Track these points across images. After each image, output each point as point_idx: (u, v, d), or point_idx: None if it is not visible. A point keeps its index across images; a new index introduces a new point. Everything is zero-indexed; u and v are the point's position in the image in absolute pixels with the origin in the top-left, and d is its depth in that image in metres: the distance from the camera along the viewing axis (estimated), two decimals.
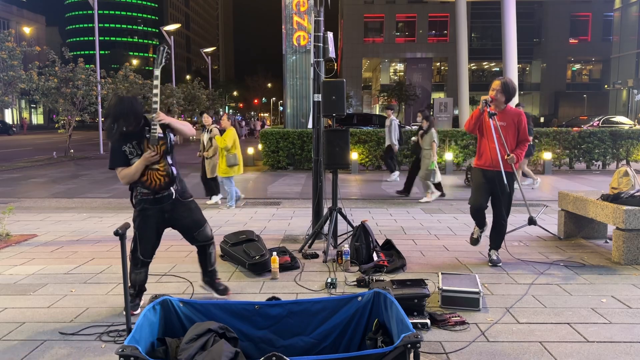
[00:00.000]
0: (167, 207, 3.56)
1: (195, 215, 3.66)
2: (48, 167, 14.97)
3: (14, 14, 54.55)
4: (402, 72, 48.55)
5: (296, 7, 15.77)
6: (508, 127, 4.67)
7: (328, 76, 6.03)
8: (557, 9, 46.76)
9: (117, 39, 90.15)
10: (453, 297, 3.72)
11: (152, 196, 3.51)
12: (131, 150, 3.47)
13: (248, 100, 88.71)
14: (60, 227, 6.71)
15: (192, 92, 32.53)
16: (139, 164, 3.41)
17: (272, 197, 9.27)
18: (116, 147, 3.47)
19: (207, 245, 3.74)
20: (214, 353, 2.13)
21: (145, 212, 3.55)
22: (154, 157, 3.40)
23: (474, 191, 4.82)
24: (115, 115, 3.35)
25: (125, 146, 3.46)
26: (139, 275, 3.66)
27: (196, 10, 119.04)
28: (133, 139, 3.46)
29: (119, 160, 3.48)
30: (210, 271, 3.85)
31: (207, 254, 3.76)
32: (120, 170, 3.47)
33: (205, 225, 3.71)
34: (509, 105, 4.78)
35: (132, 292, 3.68)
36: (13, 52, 15.38)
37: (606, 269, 4.72)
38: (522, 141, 4.73)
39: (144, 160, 3.40)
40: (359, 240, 4.88)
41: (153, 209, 3.54)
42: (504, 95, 4.66)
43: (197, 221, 3.67)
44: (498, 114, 4.66)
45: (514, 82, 4.77)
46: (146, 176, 3.44)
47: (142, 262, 3.63)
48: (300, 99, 16.28)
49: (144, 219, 3.57)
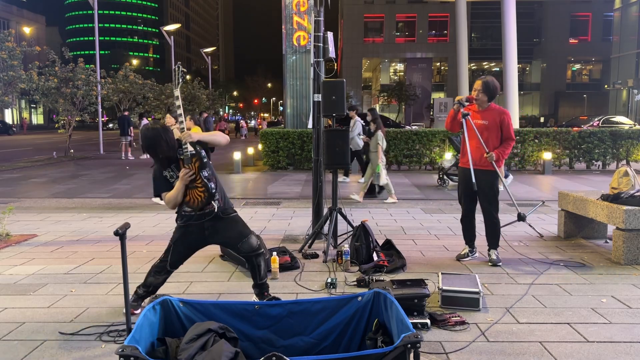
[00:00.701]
0: (207, 224, 3.55)
1: (236, 228, 3.61)
2: (48, 167, 14.98)
3: (14, 14, 54.57)
4: (402, 72, 48.56)
5: (296, 7, 15.76)
6: (491, 125, 4.71)
7: (328, 76, 6.03)
8: (557, 9, 46.77)
9: (117, 39, 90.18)
10: (453, 297, 3.72)
11: (195, 213, 3.53)
12: (171, 174, 3.51)
13: (248, 100, 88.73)
14: (60, 227, 6.71)
15: (192, 92, 32.56)
16: (179, 185, 3.43)
17: (272, 197, 9.28)
18: (157, 174, 3.53)
19: (254, 256, 3.62)
20: (214, 353, 2.13)
21: (187, 228, 3.58)
22: (190, 175, 3.41)
23: (459, 194, 4.94)
24: (148, 147, 3.42)
25: (165, 171, 3.51)
26: (158, 280, 3.64)
27: (196, 10, 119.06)
28: (171, 162, 3.51)
29: (161, 186, 3.53)
30: (260, 284, 3.72)
31: (255, 265, 3.65)
32: (164, 196, 3.52)
33: (249, 237, 3.61)
34: (492, 103, 4.82)
35: (141, 292, 3.65)
36: (13, 52, 15.37)
37: (606, 269, 4.72)
38: (507, 139, 4.75)
39: (181, 180, 3.42)
40: (359, 240, 4.89)
41: (195, 225, 3.55)
42: (485, 95, 4.72)
43: (239, 234, 3.60)
44: (481, 112, 4.74)
45: (496, 81, 4.81)
46: (188, 196, 3.47)
47: (166, 271, 3.64)
48: (300, 99, 16.27)
49: (183, 234, 3.59)
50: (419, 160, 13.75)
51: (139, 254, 5.32)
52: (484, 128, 4.69)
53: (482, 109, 4.77)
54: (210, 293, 4.12)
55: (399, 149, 13.67)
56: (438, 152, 13.55)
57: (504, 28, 16.95)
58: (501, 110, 4.77)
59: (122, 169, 14.53)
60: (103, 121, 33.16)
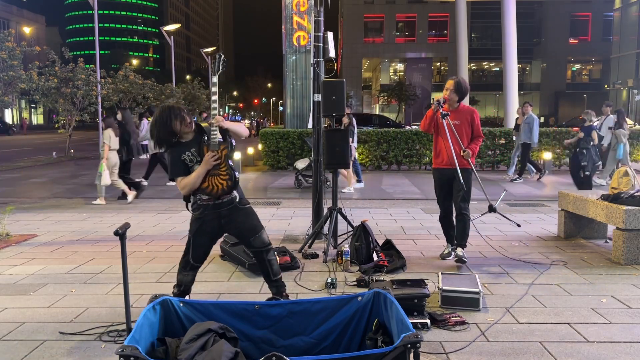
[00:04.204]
0: (224, 212, 3.46)
1: (252, 221, 3.56)
2: (48, 167, 14.97)
3: (14, 14, 54.57)
4: (402, 72, 48.56)
5: (296, 7, 15.75)
6: (462, 125, 4.83)
7: (328, 76, 6.03)
8: (557, 9, 46.75)
9: (117, 39, 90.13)
10: (453, 297, 3.72)
11: (212, 202, 3.43)
12: (191, 158, 3.38)
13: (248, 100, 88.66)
14: (60, 227, 6.71)
15: (192, 92, 32.52)
16: (201, 170, 3.33)
17: (272, 197, 9.28)
18: (175, 157, 3.38)
19: (265, 252, 3.58)
20: (214, 353, 2.13)
21: (203, 218, 3.47)
22: (216, 160, 3.33)
23: (437, 195, 5.02)
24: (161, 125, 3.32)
25: (184, 155, 3.38)
26: (187, 277, 3.56)
27: (196, 10, 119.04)
28: (191, 146, 3.39)
29: (178, 170, 3.38)
30: (275, 281, 3.66)
31: (266, 260, 3.60)
32: (180, 180, 3.37)
33: (262, 232, 3.59)
34: (462, 103, 4.93)
35: (176, 292, 3.56)
36: (13, 52, 15.36)
37: (606, 269, 4.72)
38: (476, 137, 4.90)
39: (205, 164, 3.32)
40: (359, 240, 4.89)
41: (211, 214, 3.45)
42: (457, 95, 4.82)
43: (254, 227, 3.56)
44: (452, 112, 4.82)
45: (466, 82, 4.94)
46: (207, 182, 3.36)
47: (191, 266, 3.55)
48: (300, 99, 16.26)
49: (201, 226, 3.48)
50: (419, 160, 13.75)
51: (139, 254, 5.32)
52: (456, 128, 4.78)
53: (453, 109, 4.87)
54: (210, 293, 4.12)
55: (399, 149, 13.67)
56: None
57: (504, 28, 16.96)
58: (470, 109, 4.93)
59: None
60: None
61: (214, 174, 3.37)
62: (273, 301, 3.03)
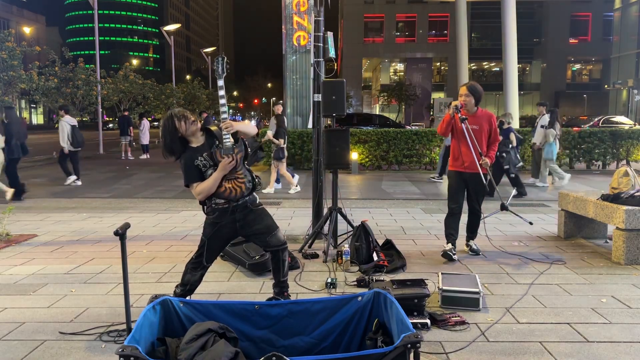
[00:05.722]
0: (239, 216, 3.46)
1: (266, 221, 3.57)
2: (48, 167, 14.97)
3: (14, 14, 54.56)
4: (402, 72, 48.54)
5: (296, 7, 15.75)
6: (481, 129, 4.90)
7: (328, 76, 6.03)
8: (557, 9, 46.72)
9: (117, 39, 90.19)
10: (453, 297, 3.72)
11: (228, 205, 3.42)
12: (204, 162, 3.36)
13: (248, 100, 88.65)
14: (60, 227, 6.71)
15: (192, 92, 32.55)
16: (217, 175, 3.32)
17: (272, 197, 9.28)
18: (188, 163, 3.36)
19: (281, 250, 3.60)
20: (214, 353, 2.13)
21: (219, 223, 3.46)
22: (231, 164, 3.32)
23: (452, 195, 5.05)
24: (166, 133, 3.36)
25: (197, 160, 3.36)
26: (195, 277, 3.56)
27: (196, 10, 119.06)
28: (203, 151, 3.38)
29: (193, 176, 3.35)
30: (283, 281, 3.70)
31: (281, 260, 3.62)
32: (196, 186, 3.35)
33: (277, 230, 3.60)
34: (480, 108, 4.98)
35: (179, 292, 3.55)
36: (13, 52, 15.35)
37: (606, 269, 4.72)
38: (493, 142, 4.98)
39: (221, 170, 3.31)
40: (359, 240, 4.89)
41: (227, 218, 3.45)
42: (473, 98, 4.87)
43: (269, 226, 3.57)
44: (470, 117, 4.87)
45: (478, 85, 4.98)
46: (224, 187, 3.37)
47: (202, 267, 3.55)
48: (300, 99, 16.27)
49: (217, 229, 3.47)
50: (419, 160, 13.75)
51: (139, 254, 5.32)
52: (475, 132, 4.83)
53: (471, 114, 4.91)
54: (210, 293, 4.12)
55: (399, 149, 13.67)
56: (438, 152, 13.54)
57: (504, 28, 16.93)
58: (489, 114, 5.00)
59: (122, 169, 14.53)
60: (103, 121, 33.13)
61: (230, 177, 3.37)
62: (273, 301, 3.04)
